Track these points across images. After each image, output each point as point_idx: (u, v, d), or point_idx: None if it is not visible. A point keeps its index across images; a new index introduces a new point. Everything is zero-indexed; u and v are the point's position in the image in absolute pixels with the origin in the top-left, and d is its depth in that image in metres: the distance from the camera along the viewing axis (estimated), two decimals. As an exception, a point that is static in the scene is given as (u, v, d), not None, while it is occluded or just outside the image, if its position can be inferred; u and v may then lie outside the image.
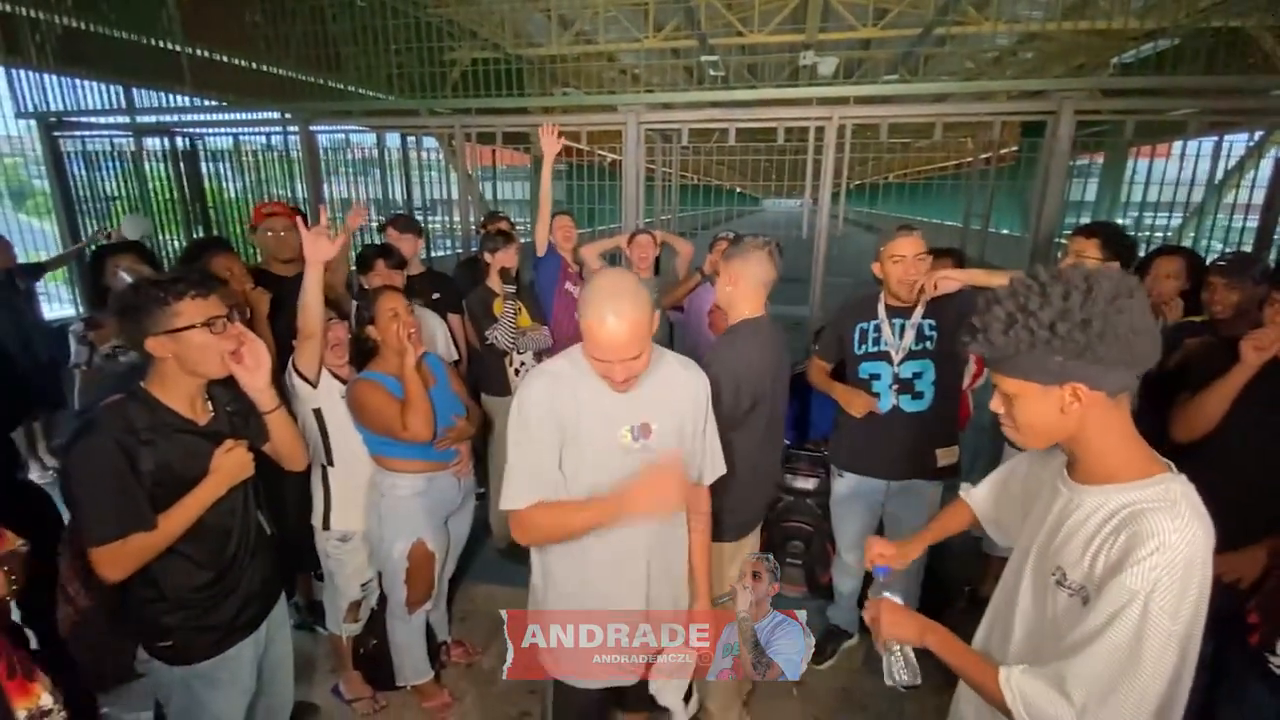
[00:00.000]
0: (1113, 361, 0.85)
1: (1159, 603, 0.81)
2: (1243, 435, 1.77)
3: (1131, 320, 0.83)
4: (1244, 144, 4.69)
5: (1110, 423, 0.92)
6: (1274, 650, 1.45)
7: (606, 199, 4.37)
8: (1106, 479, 0.93)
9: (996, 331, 0.88)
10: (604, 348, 1.27)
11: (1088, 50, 6.54)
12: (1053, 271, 0.87)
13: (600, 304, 1.25)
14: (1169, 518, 0.84)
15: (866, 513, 2.36)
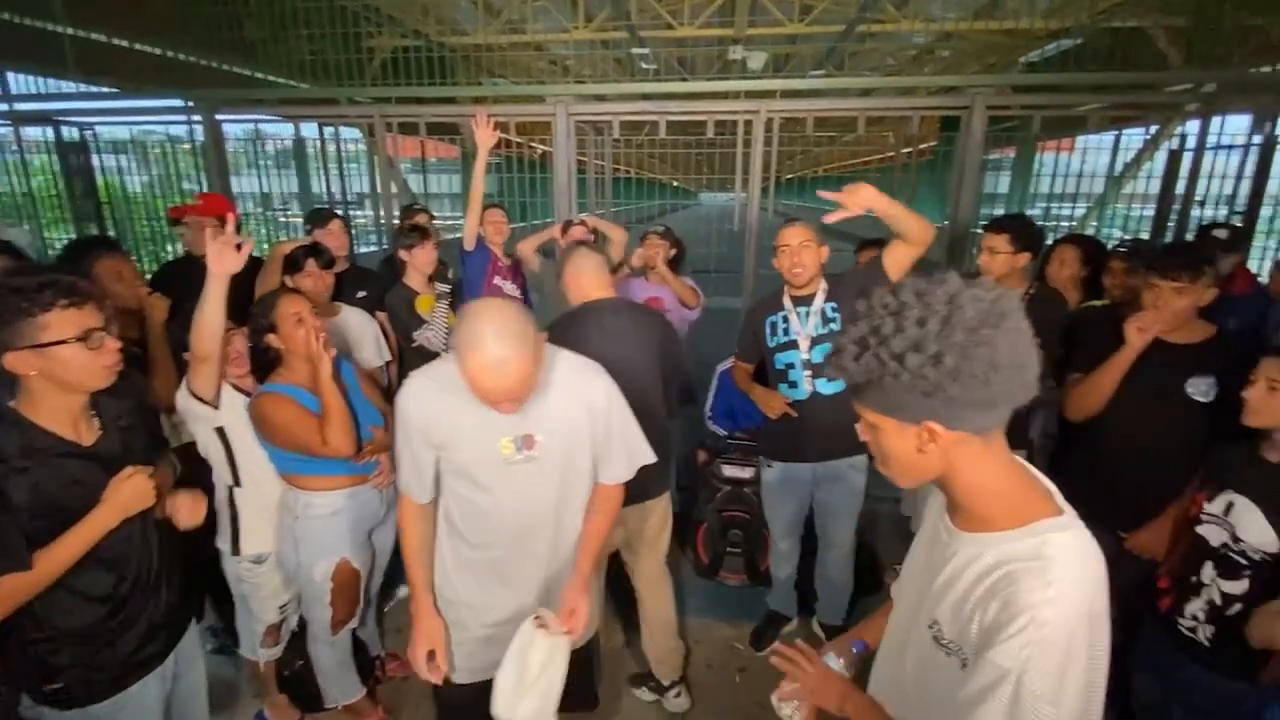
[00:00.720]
0: (967, 402, 0.72)
1: (1032, 686, 0.71)
2: (1135, 413, 1.89)
3: (993, 356, 0.70)
4: (1140, 138, 5.07)
5: (981, 463, 0.80)
6: (1183, 614, 1.56)
7: (539, 192, 4.28)
8: (981, 525, 0.82)
9: (848, 357, 0.77)
10: (486, 396, 1.23)
11: (999, 49, 6.89)
12: (918, 287, 0.74)
13: (480, 352, 1.17)
14: (1041, 584, 0.73)
15: (796, 500, 2.41)
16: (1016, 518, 0.80)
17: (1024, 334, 0.73)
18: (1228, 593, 1.46)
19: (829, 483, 2.31)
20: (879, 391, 0.76)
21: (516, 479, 1.42)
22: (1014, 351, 0.71)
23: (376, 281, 3.00)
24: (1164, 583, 1.66)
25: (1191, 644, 1.54)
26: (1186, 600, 1.55)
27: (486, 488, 1.42)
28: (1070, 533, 0.78)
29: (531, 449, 1.39)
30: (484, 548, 1.50)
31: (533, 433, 1.39)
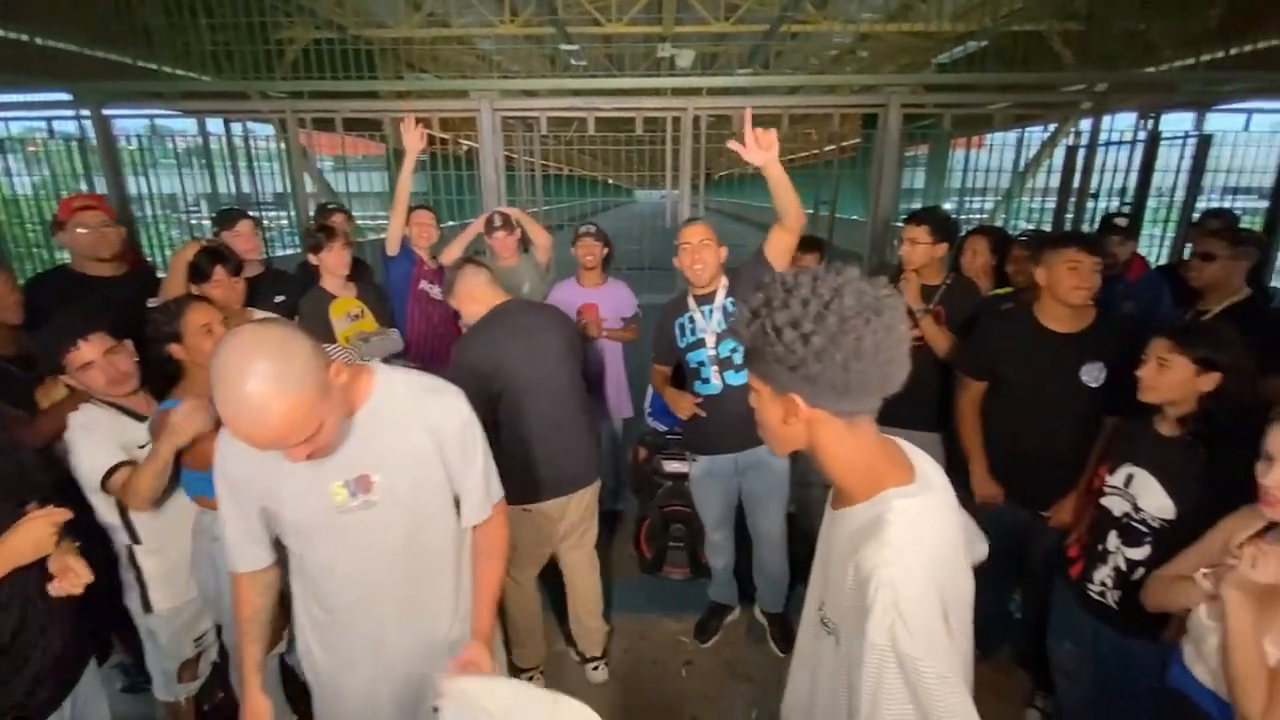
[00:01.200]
0: (825, 384, 0.76)
1: (907, 651, 0.73)
2: (1036, 401, 2.01)
3: (857, 346, 0.74)
4: (1041, 136, 5.40)
5: (842, 439, 0.84)
6: (1092, 580, 1.66)
7: (467, 190, 4.16)
8: (847, 502, 0.87)
9: (742, 322, 0.82)
10: (248, 442, 0.99)
11: (912, 50, 7.22)
12: (814, 271, 0.78)
13: (232, 388, 0.93)
14: (877, 547, 0.77)
15: (724, 491, 2.43)
16: (871, 488, 0.84)
17: (893, 334, 0.76)
18: (1131, 559, 1.57)
19: (752, 470, 2.34)
20: (760, 360, 0.81)
21: (354, 530, 1.20)
22: (877, 347, 0.75)
23: (294, 285, 2.84)
24: (1073, 551, 1.77)
25: (1101, 607, 1.65)
26: (1095, 568, 1.66)
27: (320, 543, 1.22)
28: (915, 499, 0.82)
29: (368, 492, 1.18)
30: (331, 611, 1.30)
31: (368, 472, 1.17)
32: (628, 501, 3.48)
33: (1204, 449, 1.47)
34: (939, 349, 2.45)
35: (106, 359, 1.67)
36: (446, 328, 3.03)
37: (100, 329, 1.69)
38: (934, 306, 2.48)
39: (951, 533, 0.84)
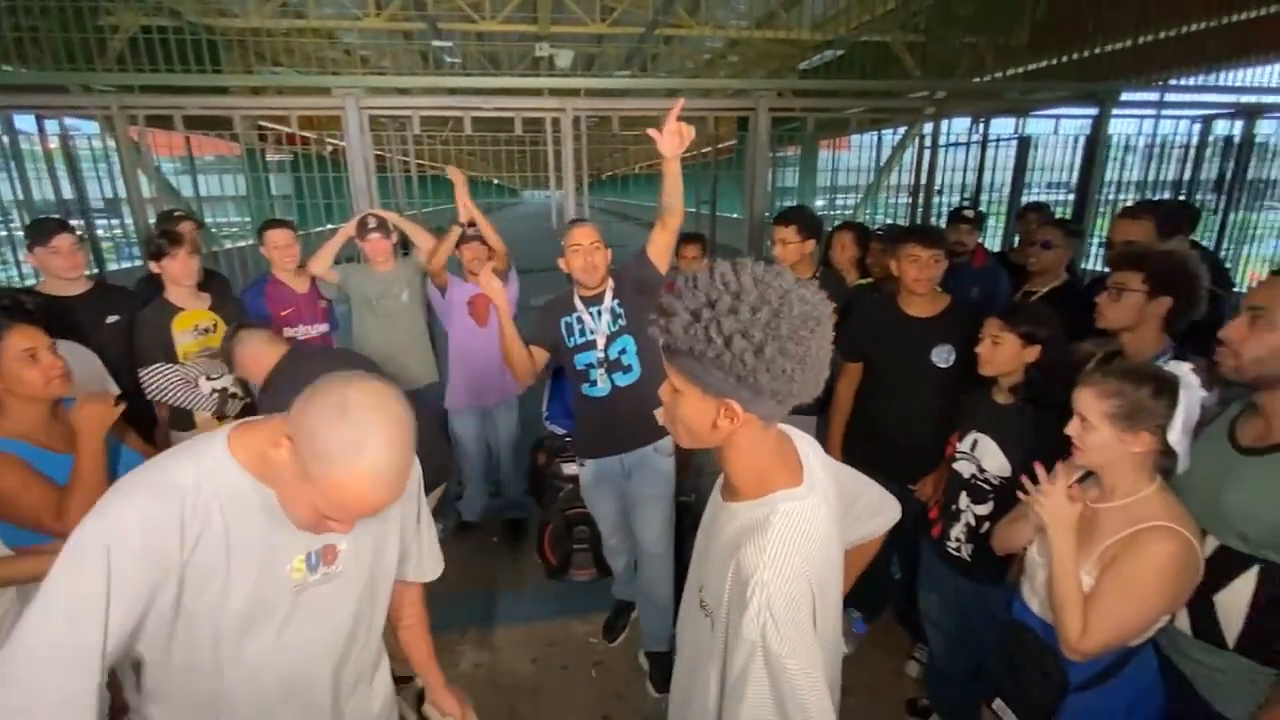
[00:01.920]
0: (770, 393, 0.78)
1: (774, 648, 0.77)
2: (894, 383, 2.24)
3: (804, 354, 0.76)
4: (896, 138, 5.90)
5: (755, 441, 0.87)
6: (949, 538, 1.86)
7: (335, 193, 3.89)
8: (738, 497, 0.91)
9: (679, 324, 0.77)
10: (354, 510, 0.85)
11: (779, 57, 7.65)
12: (759, 274, 0.77)
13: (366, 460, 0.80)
14: (757, 549, 0.81)
15: (613, 495, 2.38)
16: (761, 489, 0.88)
17: (828, 340, 0.79)
18: (979, 514, 1.77)
19: (638, 472, 2.28)
20: (694, 361, 0.78)
21: (301, 613, 0.98)
22: (819, 355, 0.78)
23: (130, 301, 2.53)
24: (933, 514, 1.97)
25: (958, 561, 1.84)
26: (950, 525, 1.85)
27: (258, 635, 0.95)
28: (800, 502, 0.86)
29: (331, 564, 1.00)
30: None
31: (334, 540, 1.00)
32: (529, 508, 3.43)
33: (1033, 412, 1.69)
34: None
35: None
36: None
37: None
38: (808, 298, 2.65)
39: (828, 530, 0.88)
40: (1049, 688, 1.32)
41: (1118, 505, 1.29)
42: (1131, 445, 1.25)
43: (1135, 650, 1.29)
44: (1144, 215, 2.23)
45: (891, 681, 2.39)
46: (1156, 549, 1.20)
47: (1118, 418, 1.24)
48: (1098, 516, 1.31)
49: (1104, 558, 1.26)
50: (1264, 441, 1.24)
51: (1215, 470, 1.29)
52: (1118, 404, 1.24)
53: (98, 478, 1.52)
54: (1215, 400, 1.33)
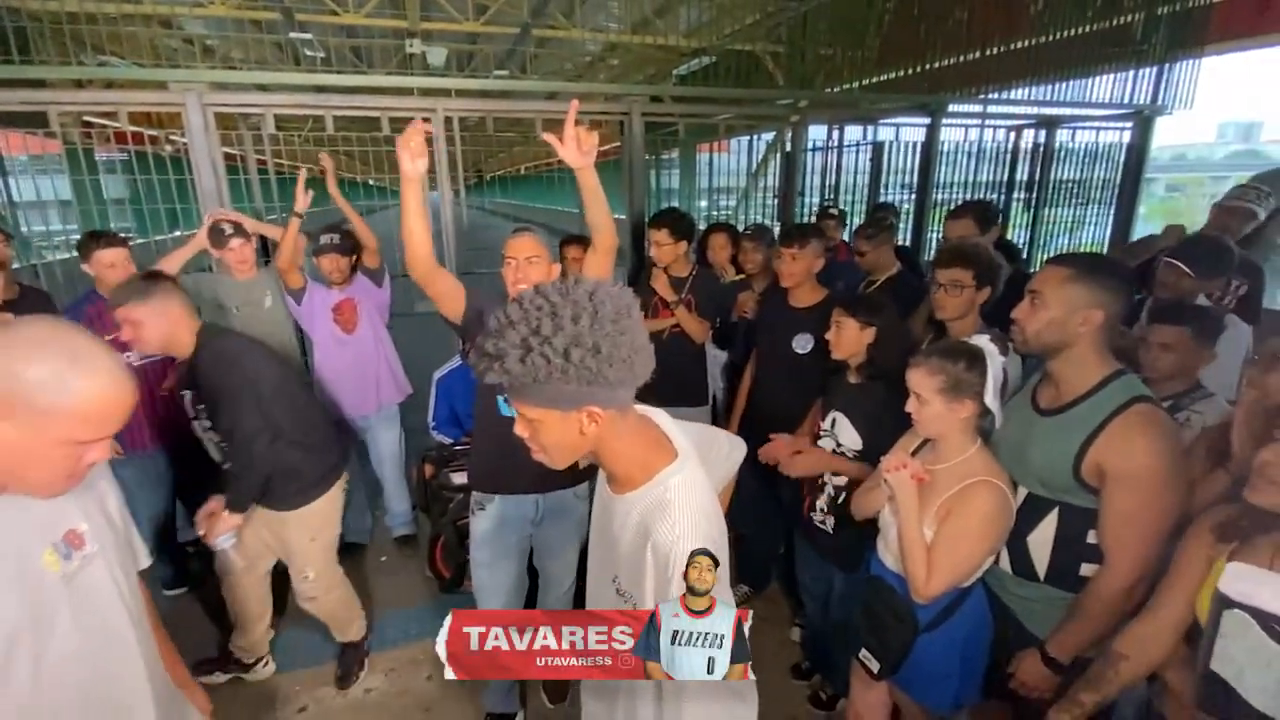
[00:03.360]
0: (618, 382, 0.85)
1: None
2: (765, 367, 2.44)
3: (633, 339, 0.84)
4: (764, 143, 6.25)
5: (621, 432, 0.93)
6: (815, 510, 2.02)
7: (181, 196, 3.53)
8: (628, 486, 0.97)
9: (513, 360, 0.81)
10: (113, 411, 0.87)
11: (656, 61, 7.85)
12: (561, 289, 0.84)
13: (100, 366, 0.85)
14: (668, 525, 0.89)
15: (516, 551, 2.04)
16: (647, 472, 0.95)
17: (641, 326, 0.88)
18: (839, 485, 1.95)
19: (553, 518, 2.02)
20: (540, 387, 0.83)
21: (84, 595, 0.96)
22: (641, 335, 0.86)
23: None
24: (805, 493, 2.13)
25: (821, 533, 2.02)
26: (816, 498, 2.02)
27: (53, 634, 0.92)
28: (684, 474, 0.95)
29: (81, 546, 0.96)
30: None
31: (75, 524, 0.96)
32: (417, 523, 3.31)
33: (881, 389, 1.88)
34: (694, 333, 2.75)
35: None
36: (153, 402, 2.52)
37: None
38: (685, 296, 2.77)
39: (709, 488, 0.98)
40: (903, 631, 1.49)
41: (948, 466, 1.48)
42: (959, 412, 1.44)
43: (968, 590, 1.48)
44: (965, 214, 2.55)
45: (779, 648, 2.56)
46: (980, 500, 1.40)
47: (945, 390, 1.43)
48: (934, 477, 1.49)
49: (939, 512, 1.44)
50: (1055, 403, 1.47)
51: (1020, 430, 1.51)
52: (943, 380, 1.43)
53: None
54: (1012, 365, 1.56)
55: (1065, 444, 1.40)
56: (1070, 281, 1.39)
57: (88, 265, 2.44)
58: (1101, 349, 1.42)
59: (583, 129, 1.59)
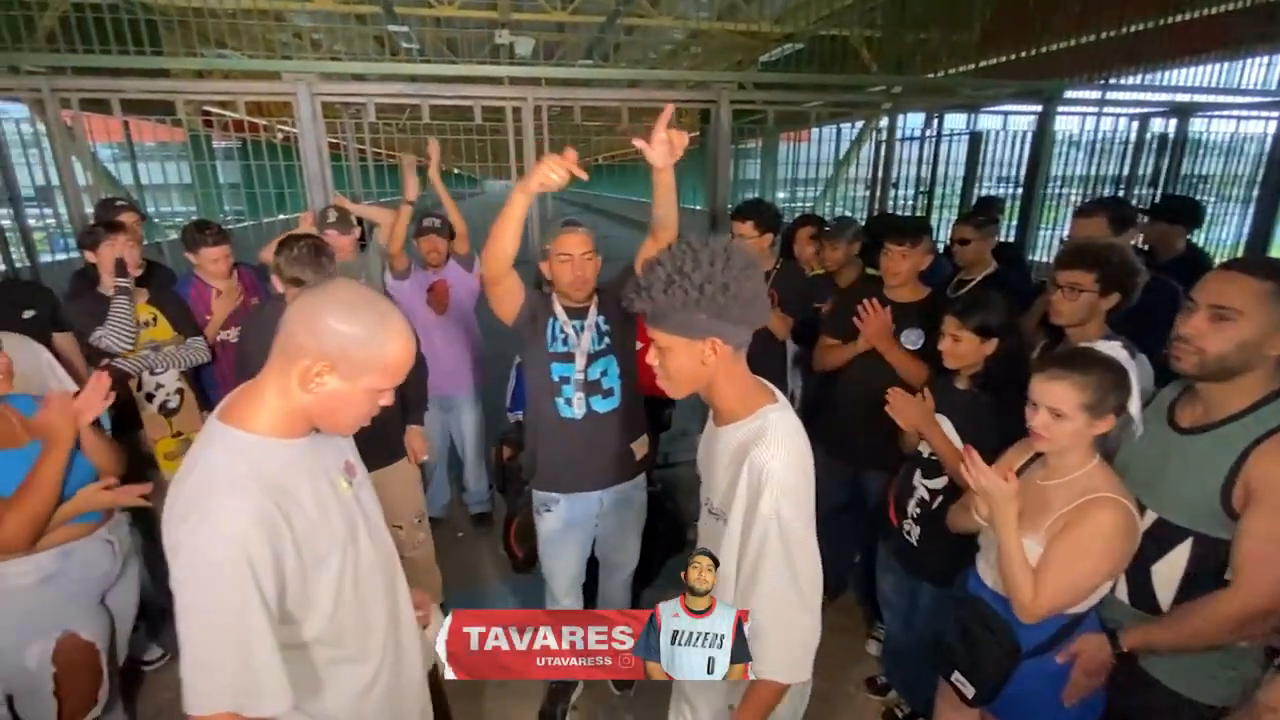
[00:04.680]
0: (740, 320, 1.03)
1: (786, 515, 1.04)
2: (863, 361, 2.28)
3: (755, 287, 1.02)
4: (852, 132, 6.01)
5: (734, 372, 1.11)
6: (905, 514, 1.92)
7: (288, 182, 3.75)
8: (731, 419, 1.13)
9: (658, 290, 1.01)
10: (406, 363, 0.99)
11: (741, 49, 7.69)
12: (701, 240, 1.02)
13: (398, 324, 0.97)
14: (765, 448, 1.05)
15: (579, 545, 2.10)
16: (749, 408, 1.12)
17: (762, 278, 1.06)
18: (932, 489, 1.84)
19: (616, 509, 2.07)
20: (677, 315, 1.02)
21: (369, 524, 1.13)
22: (760, 286, 1.04)
23: (46, 296, 2.40)
24: (892, 504, 2.03)
25: (906, 543, 1.92)
26: (905, 504, 1.91)
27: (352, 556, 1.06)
28: (783, 413, 1.12)
29: (354, 474, 1.15)
30: (341, 640, 1.08)
31: (348, 456, 1.15)
32: (495, 502, 3.40)
33: (986, 397, 1.77)
34: (775, 329, 2.67)
35: None
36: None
37: None
38: (768, 291, 2.69)
39: (803, 432, 1.13)
40: (1003, 656, 1.38)
41: (1065, 481, 1.36)
42: (1098, 429, 1.32)
43: (1080, 618, 1.36)
44: (1097, 212, 2.32)
45: (852, 660, 2.47)
46: (1103, 517, 1.28)
47: (1090, 406, 1.30)
48: (1046, 493, 1.38)
49: (1053, 529, 1.33)
50: (1201, 421, 1.32)
51: (1155, 449, 1.37)
52: (1093, 395, 1.30)
53: (50, 493, 1.47)
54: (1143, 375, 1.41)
55: (1213, 466, 1.25)
56: (1274, 297, 1.19)
57: (193, 257, 2.56)
58: (1274, 367, 1.25)
59: (674, 130, 1.52)
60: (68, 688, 1.60)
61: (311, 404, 0.95)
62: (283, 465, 0.96)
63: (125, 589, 1.81)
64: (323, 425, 1.01)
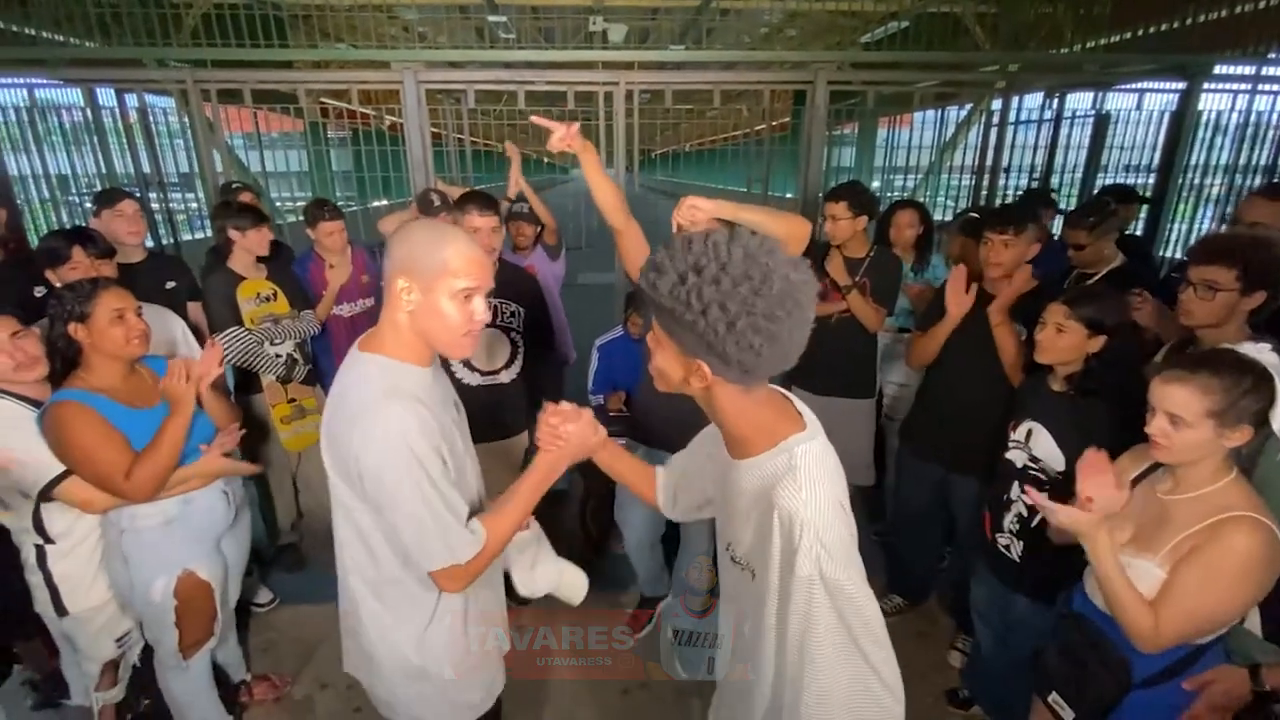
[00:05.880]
0: (736, 364, 0.80)
1: (831, 574, 0.83)
2: (960, 356, 2.14)
3: (776, 332, 0.77)
4: (959, 116, 5.64)
5: (738, 402, 0.90)
6: (1001, 530, 1.80)
7: (392, 166, 3.97)
8: (746, 452, 0.93)
9: (666, 283, 0.79)
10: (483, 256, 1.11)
11: (839, 30, 7.37)
12: (749, 249, 0.78)
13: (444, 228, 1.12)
14: (794, 489, 0.85)
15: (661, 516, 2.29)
16: (770, 439, 0.91)
17: (805, 323, 0.80)
18: (1031, 505, 1.70)
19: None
20: (673, 320, 0.81)
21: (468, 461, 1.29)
22: (791, 336, 0.79)
23: (185, 270, 2.68)
24: (987, 516, 1.90)
25: (1008, 566, 1.79)
26: (1001, 516, 1.79)
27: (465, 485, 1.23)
28: (812, 442, 0.91)
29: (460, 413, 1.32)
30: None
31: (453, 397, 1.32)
32: (570, 479, 3.48)
33: (1088, 403, 1.61)
34: (867, 322, 2.55)
35: (13, 342, 1.58)
36: None
37: (7, 313, 1.60)
38: (859, 279, 2.57)
39: (839, 467, 0.93)
40: (1111, 683, 1.27)
41: (1194, 496, 1.22)
42: (1231, 440, 1.18)
43: (1205, 648, 1.23)
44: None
45: (933, 670, 2.35)
46: (1241, 539, 1.14)
47: (1220, 414, 1.16)
48: (1169, 509, 1.25)
49: (1179, 550, 1.20)
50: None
51: (1304, 466, 1.21)
52: (1220, 400, 1.16)
53: (174, 451, 1.64)
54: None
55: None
56: None
57: (312, 231, 2.81)
58: None
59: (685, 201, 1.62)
60: (186, 620, 1.78)
61: (411, 323, 1.08)
62: (419, 386, 1.11)
63: (238, 537, 1.98)
64: (433, 344, 1.12)
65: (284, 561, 2.88)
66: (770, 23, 8.06)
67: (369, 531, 1.13)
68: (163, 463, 1.62)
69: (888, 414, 2.96)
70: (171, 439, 1.64)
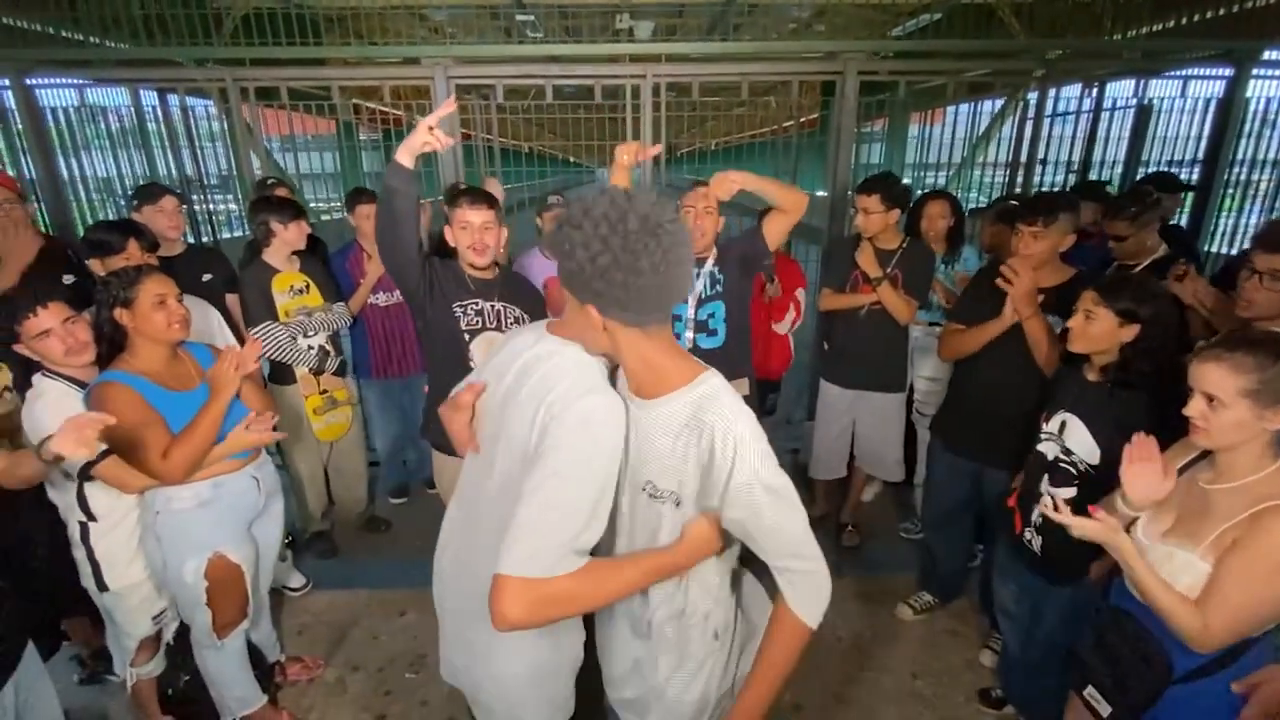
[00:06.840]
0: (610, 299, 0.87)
1: (766, 475, 0.94)
2: (995, 349, 2.08)
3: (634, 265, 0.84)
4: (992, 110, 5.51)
5: (640, 345, 0.96)
6: (1028, 522, 1.76)
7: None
8: (664, 389, 0.98)
9: (556, 238, 0.89)
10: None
11: (870, 24, 7.27)
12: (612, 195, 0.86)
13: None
14: (724, 414, 0.94)
15: None
16: (683, 377, 0.98)
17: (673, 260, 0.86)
18: (1059, 498, 1.66)
19: None
20: (563, 273, 0.90)
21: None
22: (656, 269, 0.85)
23: (222, 263, 2.77)
24: (1011, 502, 1.85)
25: (1029, 555, 1.75)
26: (1029, 510, 1.74)
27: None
28: (720, 377, 1.00)
29: None
30: None
31: None
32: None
33: (1125, 395, 1.56)
34: (898, 314, 2.51)
35: (65, 328, 1.65)
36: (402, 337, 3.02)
37: (58, 298, 1.67)
38: (891, 271, 2.54)
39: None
40: (1151, 677, 1.23)
41: (1236, 486, 1.18)
42: (1271, 422, 1.13)
43: (1251, 641, 1.18)
44: None
45: (965, 669, 2.30)
46: None
47: (1259, 394, 1.12)
48: (1210, 499, 1.21)
49: (1221, 542, 1.15)
50: None
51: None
52: (1259, 379, 1.12)
53: (210, 434, 1.69)
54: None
55: None
56: None
57: (352, 216, 2.94)
58: None
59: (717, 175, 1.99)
60: (218, 601, 1.83)
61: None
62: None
63: (270, 522, 2.03)
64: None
65: (316, 548, 2.94)
66: (798, 17, 7.98)
67: None
68: (199, 444, 1.67)
69: (918, 409, 2.91)
70: (210, 422, 1.68)
